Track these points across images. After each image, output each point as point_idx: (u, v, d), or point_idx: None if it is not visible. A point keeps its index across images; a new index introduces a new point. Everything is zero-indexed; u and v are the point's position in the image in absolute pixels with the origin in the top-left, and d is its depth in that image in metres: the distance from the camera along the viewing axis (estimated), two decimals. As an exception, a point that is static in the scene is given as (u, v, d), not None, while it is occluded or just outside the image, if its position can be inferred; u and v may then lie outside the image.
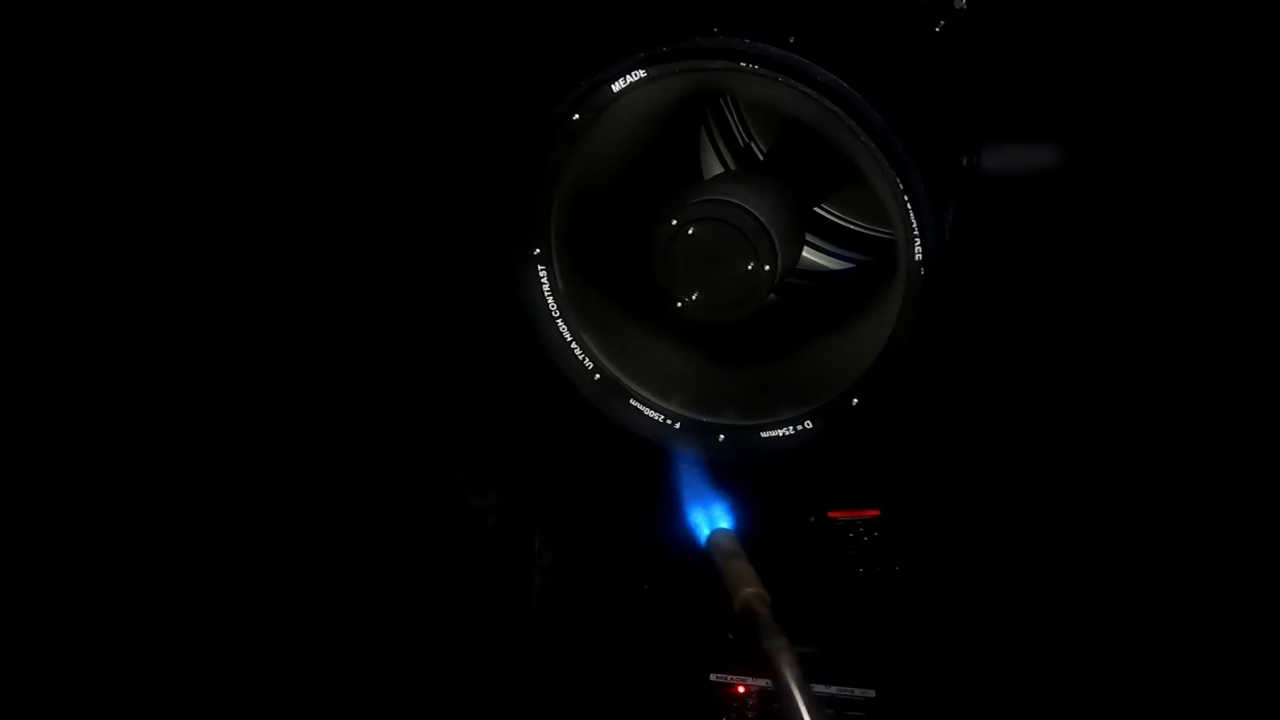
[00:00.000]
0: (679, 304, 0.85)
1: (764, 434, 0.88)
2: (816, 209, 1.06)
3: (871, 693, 1.09)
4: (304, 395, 1.24)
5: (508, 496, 1.28)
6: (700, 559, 0.81)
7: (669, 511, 0.86)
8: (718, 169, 1.08)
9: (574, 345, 0.90)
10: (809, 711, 0.65)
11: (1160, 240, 1.01)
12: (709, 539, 0.81)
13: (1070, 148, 0.99)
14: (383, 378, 1.25)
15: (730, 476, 0.89)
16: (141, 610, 1.19)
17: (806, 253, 1.06)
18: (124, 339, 1.17)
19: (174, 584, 1.20)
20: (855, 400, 0.84)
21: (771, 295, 0.91)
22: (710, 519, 0.84)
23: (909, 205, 0.76)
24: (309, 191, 1.17)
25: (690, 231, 0.82)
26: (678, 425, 0.90)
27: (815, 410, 0.85)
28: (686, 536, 0.84)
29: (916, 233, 0.76)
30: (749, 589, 0.74)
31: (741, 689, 1.14)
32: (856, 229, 1.07)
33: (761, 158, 1.07)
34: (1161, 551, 1.07)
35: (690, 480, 0.87)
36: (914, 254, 0.77)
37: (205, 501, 1.22)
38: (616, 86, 0.80)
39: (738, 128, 1.08)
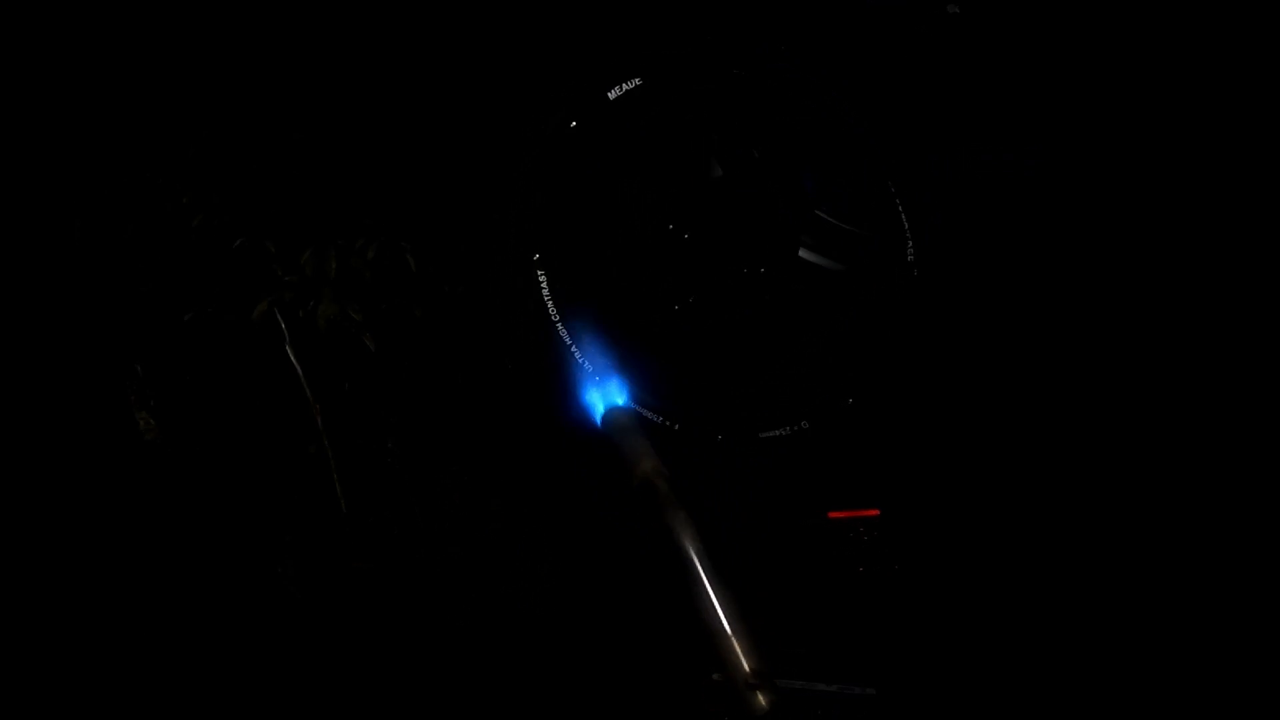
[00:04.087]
0: (677, 307, 0.86)
1: (762, 434, 0.89)
2: (815, 211, 1.07)
3: (872, 691, 1.10)
4: (307, 402, 1.25)
5: (510, 502, 1.29)
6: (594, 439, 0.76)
7: (562, 394, 0.82)
8: (719, 173, 1.09)
9: (574, 349, 0.92)
10: (710, 582, 0.64)
11: (1150, 239, 1.02)
12: (605, 417, 0.78)
13: (1060, 151, 1.00)
14: (384, 383, 1.26)
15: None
16: (148, 614, 1.20)
17: (804, 254, 1.07)
18: (125, 339, 1.18)
19: (179, 589, 1.21)
20: (850, 400, 0.85)
21: (767, 298, 0.93)
22: (606, 397, 0.80)
23: (900, 208, 0.77)
24: (310, 198, 1.18)
25: (687, 236, 0.83)
26: (676, 427, 0.91)
27: (811, 410, 0.87)
28: (582, 417, 0.80)
29: (908, 234, 0.78)
30: (647, 463, 0.71)
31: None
32: (853, 231, 1.08)
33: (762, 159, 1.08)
34: (1160, 548, 1.08)
35: (584, 357, 0.84)
36: (906, 255, 0.78)
37: (206, 508, 1.23)
38: (612, 94, 0.82)
39: (740, 130, 1.09)
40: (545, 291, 0.91)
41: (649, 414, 0.89)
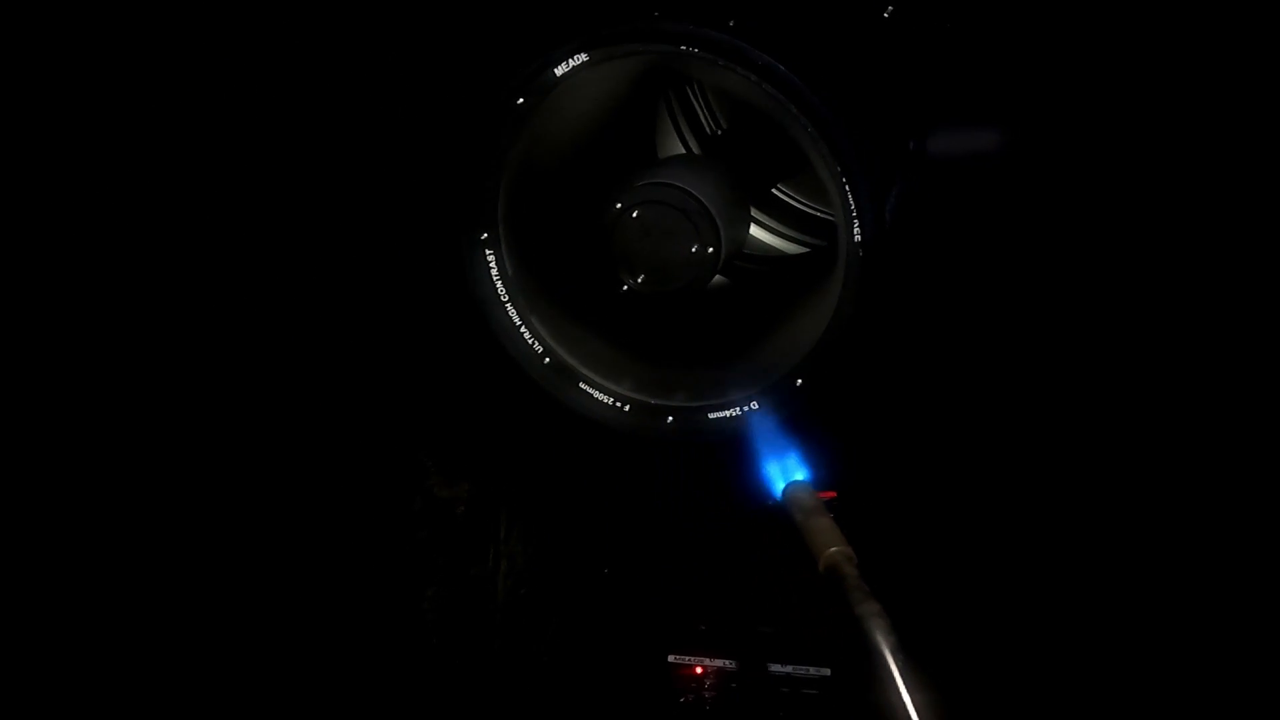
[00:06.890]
0: (625, 286, 0.85)
1: (711, 415, 0.88)
2: (772, 191, 1.07)
3: (827, 671, 1.11)
4: (267, 389, 1.24)
5: (477, 487, 1.28)
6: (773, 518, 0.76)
7: (741, 465, 0.82)
8: (679, 151, 1.08)
9: (523, 329, 0.91)
10: (903, 679, 0.59)
11: (1102, 222, 1.02)
12: (785, 492, 0.77)
13: (1014, 133, 1.00)
14: (344, 368, 1.25)
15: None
16: (109, 602, 1.20)
17: (760, 234, 1.06)
18: (78, 333, 1.17)
19: (139, 577, 1.20)
20: (800, 381, 0.84)
21: (719, 278, 0.92)
22: (785, 471, 0.79)
23: (847, 188, 0.77)
24: (258, 181, 1.17)
25: (634, 214, 0.82)
26: (627, 408, 0.91)
27: (761, 391, 0.86)
28: (760, 490, 0.80)
29: (855, 214, 0.77)
30: (834, 548, 0.69)
31: (699, 670, 1.15)
32: (807, 211, 1.07)
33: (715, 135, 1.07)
34: (1109, 526, 1.09)
35: (763, 431, 0.83)
36: (854, 235, 0.78)
37: (170, 496, 1.22)
38: (559, 70, 0.80)
39: (701, 110, 1.08)
40: (494, 271, 0.90)
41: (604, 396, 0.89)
